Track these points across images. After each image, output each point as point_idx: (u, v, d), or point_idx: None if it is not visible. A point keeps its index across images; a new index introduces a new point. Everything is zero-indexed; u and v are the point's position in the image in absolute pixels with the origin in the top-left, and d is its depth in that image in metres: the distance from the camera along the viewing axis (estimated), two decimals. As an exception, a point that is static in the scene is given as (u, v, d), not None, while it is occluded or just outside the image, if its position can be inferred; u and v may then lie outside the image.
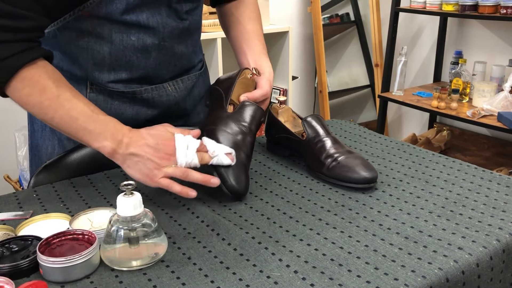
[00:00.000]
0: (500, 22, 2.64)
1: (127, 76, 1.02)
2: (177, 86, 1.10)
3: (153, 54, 1.01)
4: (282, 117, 1.09)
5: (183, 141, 0.85)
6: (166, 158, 0.84)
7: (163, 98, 1.08)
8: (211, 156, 0.88)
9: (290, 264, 0.70)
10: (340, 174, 0.92)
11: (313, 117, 1.00)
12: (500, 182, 0.94)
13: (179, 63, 1.08)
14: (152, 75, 1.05)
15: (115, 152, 0.85)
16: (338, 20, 3.22)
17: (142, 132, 0.87)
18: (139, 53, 1.00)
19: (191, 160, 0.85)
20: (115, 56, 0.99)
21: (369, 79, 3.32)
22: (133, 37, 0.98)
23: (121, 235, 0.69)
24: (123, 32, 0.97)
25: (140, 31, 0.98)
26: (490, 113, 2.39)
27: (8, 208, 0.88)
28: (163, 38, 1.01)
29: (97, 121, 0.86)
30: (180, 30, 1.04)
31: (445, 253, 0.71)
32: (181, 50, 1.07)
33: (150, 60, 1.02)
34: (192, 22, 1.07)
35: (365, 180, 0.91)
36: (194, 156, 0.85)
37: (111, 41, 0.97)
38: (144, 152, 0.84)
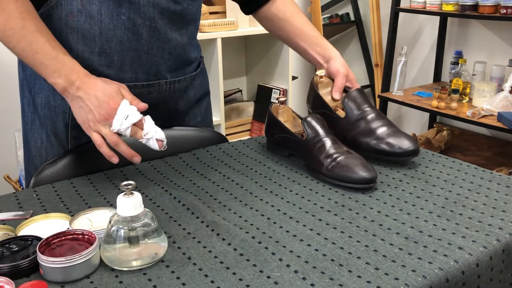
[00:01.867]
0: (500, 22, 2.64)
1: (119, 59, 1.01)
2: (172, 86, 1.10)
3: (145, 35, 1.01)
4: (282, 117, 1.09)
5: (125, 110, 0.89)
6: (104, 117, 0.88)
7: (152, 95, 1.08)
8: (144, 135, 0.90)
9: (290, 264, 0.70)
10: (340, 174, 0.92)
11: (312, 117, 1.00)
12: (500, 182, 0.94)
13: (174, 51, 1.07)
14: (146, 60, 1.03)
15: (65, 90, 0.90)
16: (338, 20, 3.22)
17: (97, 83, 0.90)
18: (129, 33, 0.99)
19: (124, 130, 0.89)
20: (105, 36, 0.98)
21: (369, 79, 3.32)
22: (123, 16, 0.97)
23: (121, 235, 0.69)
24: (113, 10, 0.96)
25: (130, 9, 0.97)
26: (490, 113, 2.39)
27: (8, 208, 0.88)
28: (154, 18, 1.00)
29: (55, 58, 0.90)
30: (172, 13, 1.03)
31: (445, 253, 0.71)
32: (176, 38, 1.06)
33: (142, 42, 1.01)
34: (187, 9, 1.06)
35: (364, 180, 0.91)
36: (128, 128, 0.89)
37: (101, 20, 0.97)
38: (90, 102, 0.88)
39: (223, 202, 0.89)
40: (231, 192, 0.93)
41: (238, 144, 1.18)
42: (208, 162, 1.07)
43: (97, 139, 0.90)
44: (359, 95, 1.06)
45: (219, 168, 1.04)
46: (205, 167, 1.05)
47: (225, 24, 2.53)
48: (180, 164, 1.07)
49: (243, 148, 1.15)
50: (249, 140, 1.21)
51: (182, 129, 1.19)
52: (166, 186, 0.96)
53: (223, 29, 2.52)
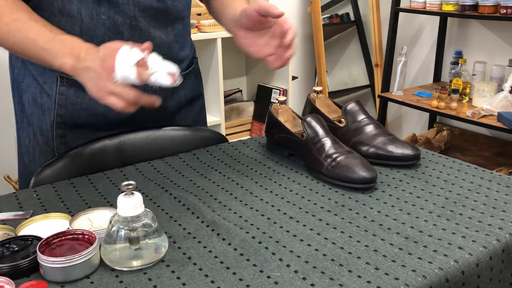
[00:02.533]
0: (500, 22, 2.64)
1: None
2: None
3: (126, 34, 1.00)
4: (282, 117, 1.09)
5: (124, 53, 0.80)
6: (108, 71, 0.79)
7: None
8: (150, 72, 0.80)
9: (291, 264, 0.70)
10: (340, 174, 0.92)
11: (312, 117, 1.00)
12: (500, 182, 0.94)
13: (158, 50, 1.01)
14: None
15: (74, 68, 0.83)
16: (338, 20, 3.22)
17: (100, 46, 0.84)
18: (110, 32, 0.98)
19: (128, 74, 0.79)
20: (86, 36, 0.98)
21: (369, 79, 3.32)
22: (103, 15, 0.97)
23: (121, 235, 0.69)
24: (93, 9, 0.96)
25: (110, 9, 0.96)
26: (490, 113, 2.39)
27: (8, 208, 0.88)
28: (135, 17, 0.99)
29: (55, 40, 0.86)
30: (155, 11, 1.01)
31: (445, 253, 0.71)
32: (159, 36, 1.04)
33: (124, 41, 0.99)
34: (172, 7, 1.04)
35: (364, 180, 0.91)
36: (131, 70, 0.79)
37: (81, 20, 0.97)
38: (95, 64, 0.81)
39: (223, 202, 0.89)
40: (231, 192, 0.93)
41: (238, 144, 1.18)
42: (208, 162, 1.07)
43: (114, 102, 0.80)
44: (357, 107, 1.07)
45: (219, 168, 1.04)
46: (205, 167, 1.05)
47: (225, 24, 2.53)
48: (180, 164, 1.07)
49: (243, 148, 1.15)
50: (249, 140, 1.21)
51: (182, 129, 1.19)
52: (166, 186, 0.96)
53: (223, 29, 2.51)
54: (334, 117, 1.11)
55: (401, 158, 1.00)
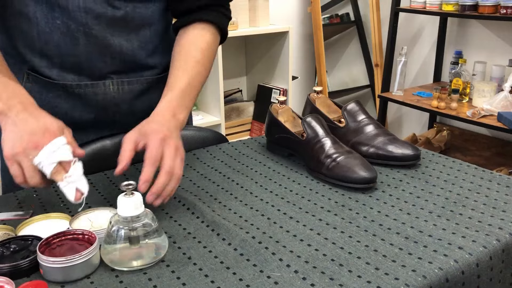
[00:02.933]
0: (500, 22, 2.64)
1: (60, 63, 1.00)
2: (121, 86, 1.05)
3: (81, 41, 0.98)
4: (282, 117, 1.10)
5: (57, 145, 0.77)
6: (33, 146, 0.76)
7: (99, 97, 1.04)
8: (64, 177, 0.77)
9: (291, 264, 0.70)
10: (340, 174, 0.92)
11: (312, 117, 1.00)
12: (500, 182, 0.94)
13: (118, 56, 1.02)
14: (87, 65, 1.00)
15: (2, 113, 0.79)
16: (338, 20, 3.22)
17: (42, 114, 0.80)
18: (66, 38, 0.97)
19: (47, 165, 0.76)
20: (43, 40, 0.97)
21: (369, 79, 3.32)
22: (58, 20, 0.96)
23: (121, 235, 0.69)
24: (47, 13, 0.95)
25: (63, 14, 0.95)
26: (490, 113, 2.39)
27: (8, 208, 0.88)
28: (88, 24, 0.96)
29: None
30: (111, 20, 0.98)
31: (445, 253, 0.71)
32: (120, 43, 1.01)
33: (79, 47, 0.98)
34: (133, 13, 1.00)
35: (364, 180, 0.91)
36: (52, 164, 0.76)
37: (37, 23, 0.96)
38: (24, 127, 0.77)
39: (223, 202, 0.89)
40: (231, 192, 0.93)
41: (238, 144, 1.18)
42: (208, 162, 1.07)
43: (17, 173, 0.77)
44: (357, 107, 1.07)
45: (219, 168, 1.04)
46: (205, 167, 1.05)
47: (225, 24, 2.53)
48: (180, 164, 1.07)
49: (243, 148, 1.15)
50: (249, 140, 1.21)
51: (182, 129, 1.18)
52: (166, 186, 0.96)
53: (223, 29, 2.52)
54: (334, 117, 1.11)
55: (401, 158, 1.00)
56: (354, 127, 1.05)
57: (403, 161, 1.00)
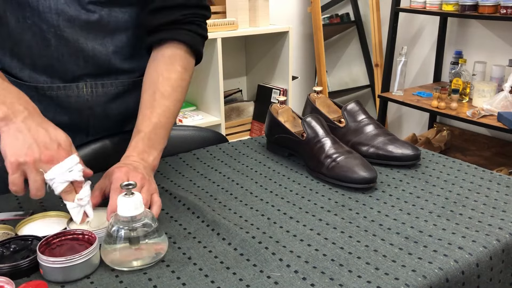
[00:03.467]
0: (500, 22, 2.64)
1: (31, 64, 0.98)
2: (95, 89, 1.02)
3: (53, 42, 0.95)
4: (282, 117, 1.10)
5: (68, 165, 0.75)
6: (47, 160, 0.74)
7: (72, 99, 1.01)
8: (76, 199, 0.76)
9: (291, 264, 0.70)
10: (340, 174, 0.92)
11: (312, 117, 1.00)
12: (500, 182, 0.94)
13: (91, 60, 0.99)
14: (59, 67, 0.98)
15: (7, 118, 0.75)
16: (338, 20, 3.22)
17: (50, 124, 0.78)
18: (38, 38, 0.95)
19: (59, 183, 0.74)
20: (14, 39, 0.95)
21: (369, 79, 3.32)
22: (29, 20, 0.93)
23: (121, 235, 0.69)
24: (18, 13, 0.93)
25: (33, 14, 0.93)
26: (490, 113, 2.39)
27: (8, 208, 0.88)
28: (59, 26, 0.94)
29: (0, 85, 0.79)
30: (84, 23, 0.95)
31: (445, 253, 0.71)
32: (93, 47, 0.98)
33: (51, 49, 0.96)
34: (109, 18, 0.98)
35: (364, 180, 0.91)
36: (62, 183, 0.75)
37: (7, 22, 0.94)
38: (37, 136, 0.74)
39: (223, 202, 0.89)
40: (231, 192, 0.93)
41: (238, 144, 1.18)
42: (208, 162, 1.07)
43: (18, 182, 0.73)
44: (357, 107, 1.07)
45: (219, 168, 1.04)
46: (205, 167, 1.05)
47: (225, 24, 2.53)
48: (180, 164, 1.07)
49: (243, 148, 1.15)
50: (249, 140, 1.21)
51: (182, 129, 1.19)
52: (167, 186, 0.96)
53: (223, 29, 2.52)
54: (334, 117, 1.11)
55: (401, 158, 1.00)
56: (354, 127, 1.05)
57: (403, 161, 1.00)
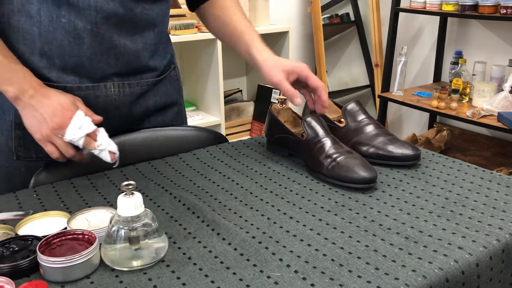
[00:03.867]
0: (500, 22, 2.64)
1: (61, 63, 0.98)
2: (122, 89, 1.05)
3: (87, 40, 0.97)
4: (282, 117, 1.10)
5: (79, 120, 0.89)
6: (58, 126, 0.87)
7: (100, 99, 1.03)
8: (96, 146, 0.90)
9: (291, 264, 0.70)
10: (340, 174, 0.92)
11: (312, 117, 1.00)
12: (500, 182, 0.94)
13: (122, 58, 1.02)
14: (89, 66, 0.99)
15: (17, 98, 0.89)
16: (338, 20, 3.22)
17: (52, 92, 0.89)
18: (70, 37, 0.96)
19: (77, 140, 0.89)
20: (45, 39, 0.95)
21: (369, 79, 3.32)
22: (63, 18, 0.94)
23: (121, 235, 0.69)
24: (52, 12, 0.93)
25: (70, 12, 0.94)
26: (490, 113, 2.39)
27: (8, 208, 0.88)
28: (96, 23, 0.96)
29: (7, 67, 0.89)
30: (120, 19, 0.98)
31: (445, 253, 0.71)
32: (124, 44, 1.01)
33: (84, 47, 0.97)
34: (141, 15, 1.01)
35: (364, 180, 0.91)
36: (82, 138, 0.89)
37: (40, 21, 0.94)
38: (43, 110, 0.87)
39: (223, 202, 0.89)
40: (231, 192, 0.93)
41: (238, 144, 1.18)
42: (208, 162, 1.07)
43: (52, 150, 0.89)
44: (357, 107, 1.07)
45: (219, 168, 1.04)
46: (205, 167, 1.05)
47: (225, 24, 2.53)
48: (180, 164, 1.07)
49: (243, 148, 1.15)
50: (249, 140, 1.21)
51: (182, 129, 1.19)
52: (167, 186, 0.96)
53: (223, 29, 2.52)
54: (334, 117, 1.11)
55: (401, 158, 1.00)
56: (354, 127, 1.05)
57: (403, 161, 1.00)
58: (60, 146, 0.89)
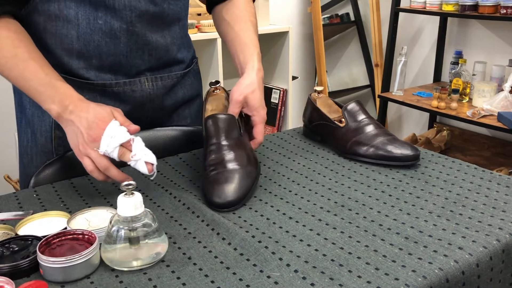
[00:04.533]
0: (500, 22, 2.64)
1: (98, 63, 1.01)
2: (155, 82, 1.09)
3: (123, 39, 1.00)
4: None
5: (112, 130, 0.85)
6: (93, 138, 0.85)
7: (137, 93, 1.07)
8: (131, 157, 0.85)
9: (290, 263, 0.70)
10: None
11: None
12: (500, 182, 0.94)
13: (155, 53, 1.06)
14: (125, 64, 1.03)
15: (60, 116, 0.88)
16: (338, 20, 3.22)
17: (90, 105, 0.88)
18: (107, 37, 0.99)
19: (111, 151, 0.84)
20: (83, 41, 0.98)
21: (369, 79, 3.32)
22: (100, 20, 0.97)
23: (121, 235, 0.69)
24: (90, 14, 0.96)
25: (107, 14, 0.97)
26: (490, 113, 2.39)
27: (8, 208, 0.88)
28: (131, 22, 0.99)
29: (48, 84, 0.88)
30: (151, 16, 1.01)
31: (445, 253, 0.71)
32: (156, 39, 1.05)
33: (120, 46, 1.01)
34: (168, 10, 1.04)
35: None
36: (115, 149, 0.84)
37: (78, 24, 0.97)
38: (80, 124, 0.85)
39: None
40: (231, 192, 0.93)
41: (238, 144, 1.18)
42: (208, 162, 1.07)
43: (87, 164, 0.85)
44: (357, 107, 1.07)
45: (219, 168, 1.04)
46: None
47: (225, 24, 2.53)
48: (180, 164, 1.07)
49: (243, 148, 1.15)
50: (249, 140, 1.21)
51: (182, 129, 1.19)
52: (167, 186, 0.96)
53: (223, 29, 2.52)
54: (334, 117, 1.12)
55: (401, 158, 1.00)
56: (354, 127, 1.05)
57: (403, 161, 1.00)
58: (95, 159, 0.85)
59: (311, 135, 1.18)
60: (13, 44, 0.89)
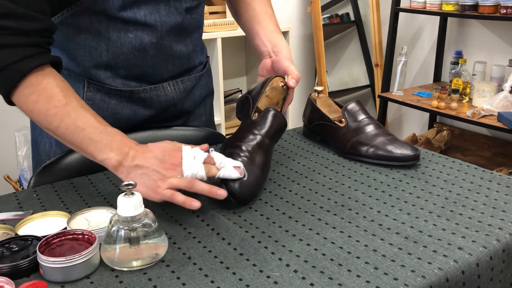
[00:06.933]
0: (500, 22, 2.64)
1: (125, 73, 1.03)
2: (176, 86, 1.11)
3: (151, 52, 1.01)
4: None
5: (190, 152, 0.83)
6: (171, 168, 0.81)
7: (161, 98, 1.09)
8: (218, 168, 0.84)
9: (290, 263, 0.70)
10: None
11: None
12: (500, 182, 0.95)
13: (178, 62, 1.08)
14: (151, 74, 1.05)
15: (120, 164, 0.82)
16: (338, 20, 3.22)
17: (149, 145, 0.84)
18: (136, 51, 1.00)
19: (197, 171, 0.81)
20: (112, 54, 0.99)
21: (369, 79, 3.32)
22: (131, 34, 0.97)
23: (121, 235, 0.69)
24: (121, 29, 0.97)
25: (137, 29, 0.97)
26: (490, 113, 2.39)
27: (8, 208, 0.88)
28: (161, 36, 1.01)
29: (104, 132, 0.83)
30: (179, 29, 1.03)
31: (445, 253, 0.71)
32: (180, 49, 1.06)
33: (148, 58, 1.02)
34: (192, 20, 1.06)
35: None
36: (200, 167, 0.82)
37: (108, 38, 0.97)
38: (150, 163, 0.81)
39: (222, 201, 0.89)
40: (231, 192, 0.93)
41: (238, 144, 1.18)
42: (208, 162, 1.07)
43: (169, 194, 0.80)
44: (358, 107, 1.08)
45: (219, 168, 1.04)
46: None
47: (225, 24, 2.53)
48: (180, 164, 1.07)
49: (243, 148, 1.15)
50: (249, 140, 1.21)
51: (182, 129, 1.19)
52: (166, 186, 0.96)
53: (223, 29, 2.52)
54: (335, 117, 1.12)
55: (401, 158, 1.00)
56: (354, 127, 1.05)
57: (403, 161, 1.00)
58: (179, 184, 0.80)
59: (311, 135, 1.18)
60: (63, 93, 0.84)
